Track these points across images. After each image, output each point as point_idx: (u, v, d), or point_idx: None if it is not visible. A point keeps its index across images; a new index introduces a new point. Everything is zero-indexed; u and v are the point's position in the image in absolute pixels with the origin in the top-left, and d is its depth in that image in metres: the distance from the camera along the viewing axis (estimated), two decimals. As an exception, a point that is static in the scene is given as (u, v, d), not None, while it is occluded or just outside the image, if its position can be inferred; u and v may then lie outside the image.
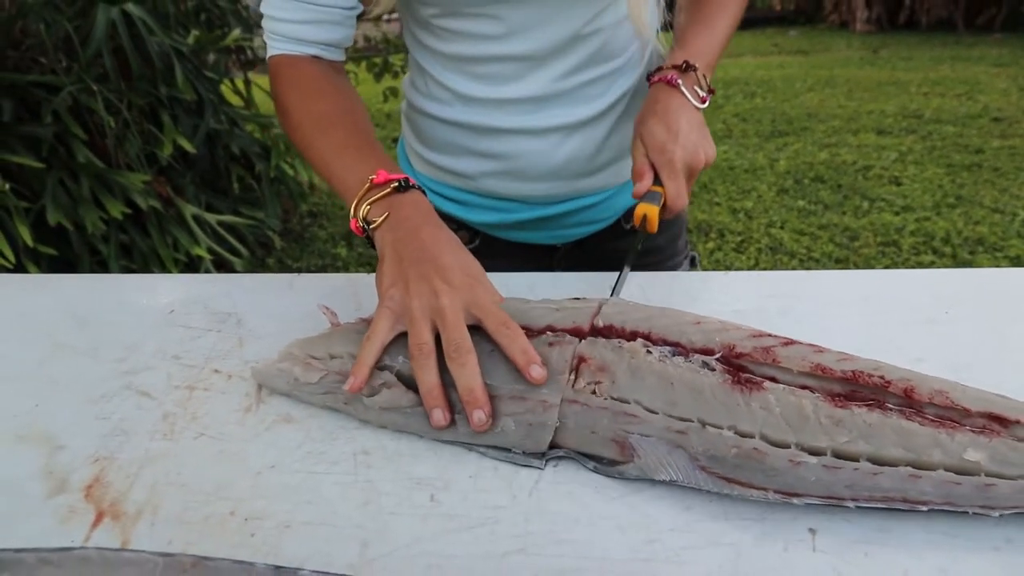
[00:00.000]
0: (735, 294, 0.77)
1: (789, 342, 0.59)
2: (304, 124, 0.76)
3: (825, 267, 3.11)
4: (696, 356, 0.57)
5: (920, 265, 3.08)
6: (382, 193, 0.67)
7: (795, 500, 0.50)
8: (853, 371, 0.56)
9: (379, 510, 0.52)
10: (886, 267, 3.07)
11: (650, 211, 0.77)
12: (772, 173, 4.23)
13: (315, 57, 0.80)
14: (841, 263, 3.13)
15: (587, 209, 0.97)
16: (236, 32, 3.23)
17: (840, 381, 0.56)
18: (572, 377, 0.56)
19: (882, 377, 0.56)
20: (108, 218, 2.52)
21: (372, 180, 0.67)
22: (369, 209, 0.67)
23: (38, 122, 2.44)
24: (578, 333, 0.60)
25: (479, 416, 0.55)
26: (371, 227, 0.66)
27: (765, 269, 3.12)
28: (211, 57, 3.27)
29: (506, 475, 0.54)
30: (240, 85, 3.41)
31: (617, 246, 1.01)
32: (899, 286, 0.78)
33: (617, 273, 0.78)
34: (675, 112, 0.80)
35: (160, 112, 2.78)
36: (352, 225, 0.68)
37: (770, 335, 0.60)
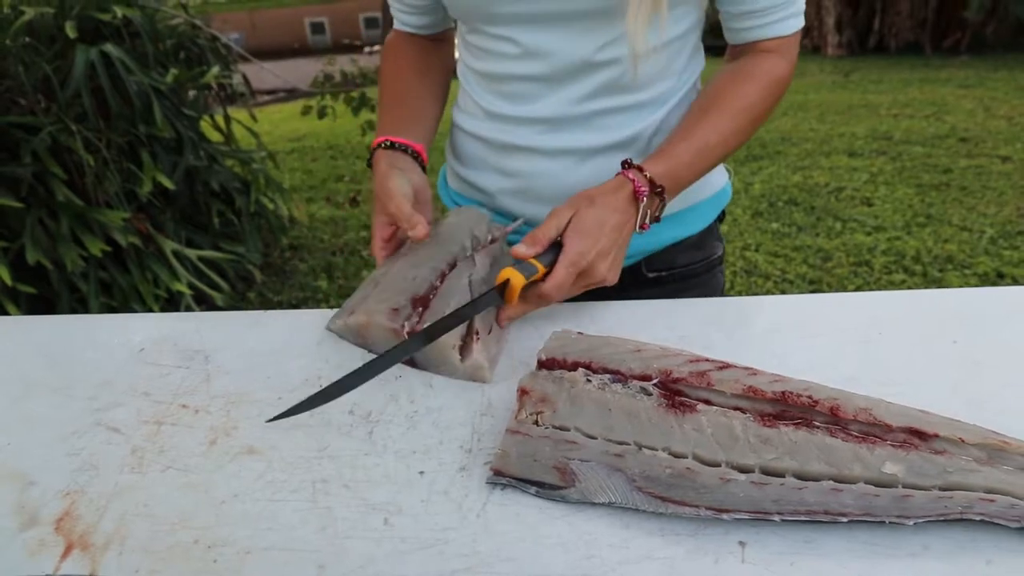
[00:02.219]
0: (677, 321, 0.81)
1: (725, 366, 0.63)
2: (380, 83, 1.04)
3: (799, 288, 3.17)
4: (634, 382, 0.60)
5: (892, 283, 3.15)
6: (373, 153, 0.94)
7: (725, 516, 0.53)
8: (783, 392, 0.60)
9: (335, 534, 0.55)
10: (858, 287, 3.13)
11: (515, 278, 0.73)
12: (747, 196, 4.31)
13: (411, 35, 1.04)
14: (814, 284, 3.19)
15: None
16: (215, 69, 3.28)
17: (771, 402, 0.59)
18: (515, 408, 0.60)
19: (810, 397, 0.59)
20: (88, 256, 2.54)
21: (372, 145, 0.95)
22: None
23: (17, 162, 2.46)
24: None
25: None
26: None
27: (740, 291, 3.18)
28: (191, 94, 3.32)
29: (456, 498, 0.57)
30: (220, 121, 3.45)
31: (640, 295, 0.98)
32: (834, 309, 0.82)
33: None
34: (619, 220, 0.78)
35: (139, 150, 2.81)
36: None
37: (707, 359, 0.63)
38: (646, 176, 0.80)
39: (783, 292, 3.12)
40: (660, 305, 0.85)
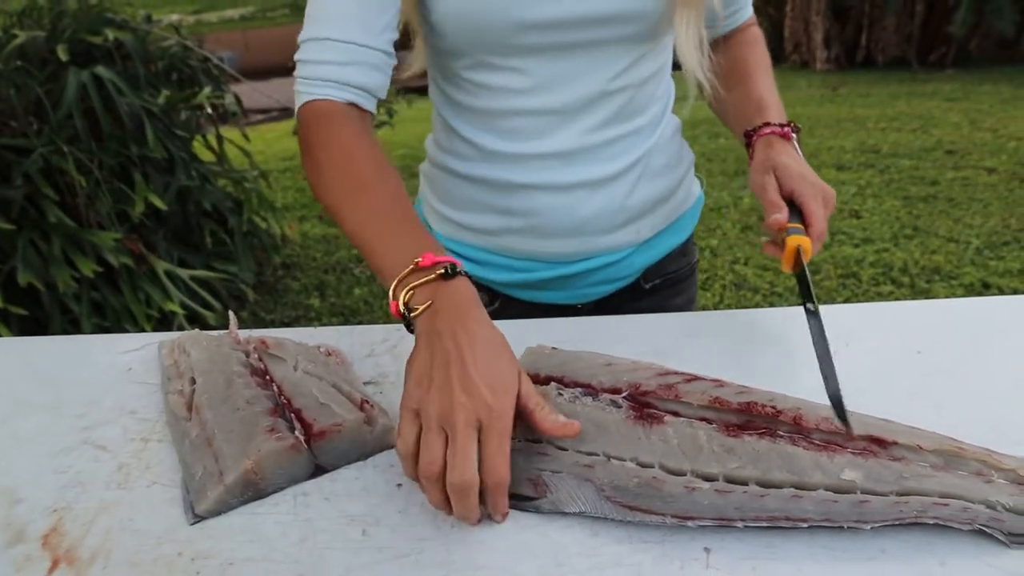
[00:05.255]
0: (651, 335, 0.83)
1: (692, 378, 0.65)
2: (336, 185, 0.74)
3: (788, 301, 3.19)
4: (604, 395, 0.62)
5: (879, 295, 3.18)
6: (427, 278, 0.63)
7: (690, 523, 0.55)
8: (748, 402, 0.62)
9: (315, 545, 0.56)
10: (847, 299, 3.16)
11: (804, 241, 0.75)
12: (736, 211, 4.34)
13: (352, 105, 0.78)
14: (803, 297, 3.21)
15: (607, 267, 0.95)
16: (207, 90, 3.31)
17: (736, 412, 0.61)
18: None
19: (774, 407, 0.61)
20: (80, 277, 2.56)
21: (417, 263, 0.64)
22: (412, 295, 0.63)
23: (9, 184, 2.48)
24: None
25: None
26: (412, 315, 0.63)
27: (730, 305, 3.20)
28: (183, 115, 3.34)
29: (432, 510, 0.59)
30: (212, 141, 3.47)
31: (638, 306, 1.01)
32: (802, 321, 0.84)
33: None
34: (800, 158, 0.84)
35: (131, 171, 2.84)
36: (392, 308, 0.64)
37: (675, 372, 0.65)
38: (779, 124, 0.87)
39: (772, 305, 3.15)
40: (634, 319, 0.87)
